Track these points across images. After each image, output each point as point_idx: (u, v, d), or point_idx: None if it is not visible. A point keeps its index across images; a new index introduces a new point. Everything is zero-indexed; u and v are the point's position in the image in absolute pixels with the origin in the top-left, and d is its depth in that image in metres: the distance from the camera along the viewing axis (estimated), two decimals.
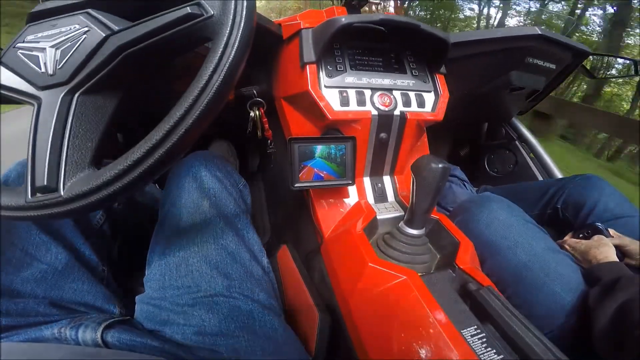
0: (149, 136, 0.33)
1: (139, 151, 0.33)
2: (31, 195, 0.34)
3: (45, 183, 0.34)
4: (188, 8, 0.35)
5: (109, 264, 0.58)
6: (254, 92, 0.72)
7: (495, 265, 0.65)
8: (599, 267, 0.61)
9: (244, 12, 0.35)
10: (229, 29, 0.34)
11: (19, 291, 0.45)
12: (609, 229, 0.71)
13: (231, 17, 0.34)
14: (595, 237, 0.69)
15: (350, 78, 0.69)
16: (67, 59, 0.37)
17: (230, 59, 0.34)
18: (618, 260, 0.63)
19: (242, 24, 0.35)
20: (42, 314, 0.44)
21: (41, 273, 0.47)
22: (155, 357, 0.41)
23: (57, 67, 0.37)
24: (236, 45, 0.34)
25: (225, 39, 0.34)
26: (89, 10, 0.40)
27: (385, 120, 0.69)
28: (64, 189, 0.34)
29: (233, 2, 0.35)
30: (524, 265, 0.62)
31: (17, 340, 0.40)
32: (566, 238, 0.75)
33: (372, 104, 0.68)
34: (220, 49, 0.34)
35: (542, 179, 1.19)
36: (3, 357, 0.32)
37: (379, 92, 0.70)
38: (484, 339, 0.42)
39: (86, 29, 0.38)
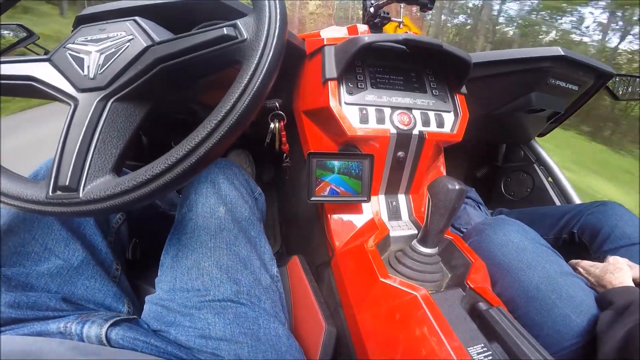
0: (170, 152, 0.34)
1: (159, 166, 0.34)
2: (52, 192, 0.36)
3: (67, 183, 0.36)
4: (225, 29, 0.36)
5: (123, 264, 0.59)
6: (277, 104, 0.73)
7: (506, 286, 0.64)
8: (612, 291, 0.59)
9: (275, 41, 0.36)
10: (258, 56, 0.35)
11: (32, 285, 0.46)
12: (622, 258, 0.69)
13: (262, 43, 0.35)
14: (611, 259, 0.67)
15: (370, 96, 0.70)
16: (108, 65, 0.39)
17: (257, 85, 0.35)
18: (634, 285, 0.61)
19: (271, 52, 0.36)
20: (52, 309, 0.45)
21: (57, 268, 0.48)
22: (156, 357, 0.42)
23: (99, 72, 0.39)
24: (264, 72, 0.35)
25: (254, 66, 0.35)
26: (137, 18, 0.42)
27: (403, 139, 0.69)
28: (83, 191, 0.35)
29: (266, 28, 0.36)
30: (535, 287, 0.61)
31: (22, 332, 0.41)
32: (580, 261, 0.74)
33: (392, 122, 0.69)
34: (249, 75, 0.35)
35: (559, 204, 1.17)
36: (3, 349, 0.33)
37: (398, 111, 0.70)
38: (490, 358, 0.42)
39: (131, 37, 0.40)
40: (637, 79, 1.15)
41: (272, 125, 0.76)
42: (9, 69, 0.40)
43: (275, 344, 0.48)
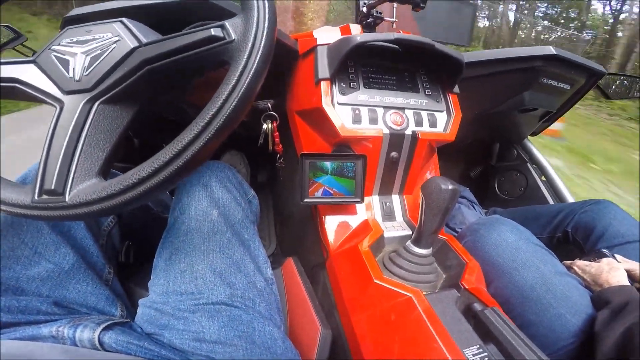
0: (157, 155, 0.34)
1: (146, 170, 0.33)
2: (37, 196, 0.35)
3: (53, 187, 0.35)
4: (212, 30, 0.36)
5: (115, 267, 0.58)
6: (269, 105, 0.73)
7: (501, 287, 0.64)
8: (609, 290, 0.60)
9: (263, 41, 0.35)
10: (246, 57, 0.35)
11: (23, 289, 0.45)
12: (616, 255, 0.70)
13: (250, 44, 0.35)
14: (606, 260, 0.67)
15: (363, 96, 0.69)
16: (94, 67, 0.38)
17: (245, 86, 0.34)
18: (630, 284, 0.62)
19: (259, 52, 0.35)
20: (43, 313, 0.44)
21: (47, 272, 0.47)
22: None
23: (84, 74, 0.38)
24: (252, 73, 0.35)
25: (241, 67, 0.35)
26: (124, 19, 0.41)
27: (396, 139, 0.69)
28: (69, 195, 0.35)
29: (254, 29, 0.35)
30: (530, 287, 0.62)
31: (14, 337, 0.40)
32: (575, 260, 0.74)
33: (384, 122, 0.69)
34: (236, 76, 0.34)
35: (553, 203, 1.17)
36: None
37: (391, 111, 0.70)
38: (486, 359, 0.42)
39: (117, 38, 0.39)
40: (628, 78, 1.16)
41: (264, 126, 0.75)
42: None
43: (270, 347, 0.47)
